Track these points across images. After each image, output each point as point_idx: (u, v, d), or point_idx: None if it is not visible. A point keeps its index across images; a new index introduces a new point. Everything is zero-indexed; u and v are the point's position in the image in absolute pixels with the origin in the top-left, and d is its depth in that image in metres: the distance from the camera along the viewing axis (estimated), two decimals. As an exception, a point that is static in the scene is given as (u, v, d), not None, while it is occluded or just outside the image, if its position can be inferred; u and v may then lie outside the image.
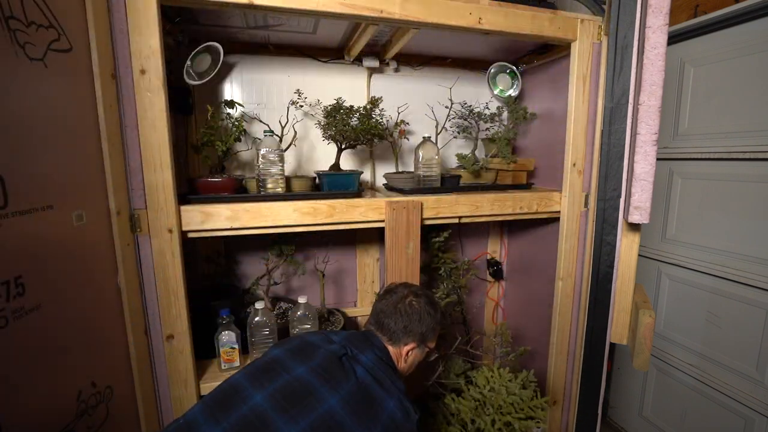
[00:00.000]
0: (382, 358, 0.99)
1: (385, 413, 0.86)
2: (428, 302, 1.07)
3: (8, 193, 0.73)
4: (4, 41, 0.73)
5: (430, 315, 1.06)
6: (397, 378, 0.96)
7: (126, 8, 1.00)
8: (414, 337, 1.04)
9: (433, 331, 1.07)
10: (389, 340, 1.04)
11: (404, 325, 1.03)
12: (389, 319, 1.04)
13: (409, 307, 1.05)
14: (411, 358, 1.07)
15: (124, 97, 1.04)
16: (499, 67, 1.77)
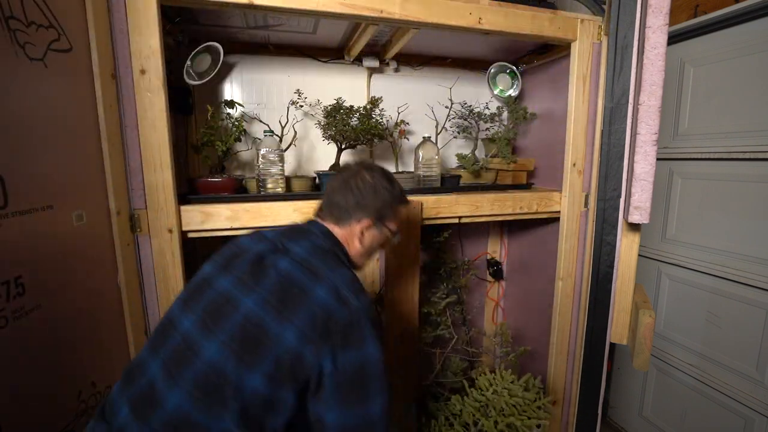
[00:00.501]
0: (322, 246, 0.88)
1: (312, 301, 0.76)
2: (384, 176, 0.96)
3: (8, 193, 0.73)
4: (4, 41, 0.73)
5: (386, 189, 0.94)
6: (340, 264, 0.85)
7: (126, 8, 1.00)
8: (368, 213, 0.92)
9: (390, 208, 0.96)
10: (338, 220, 0.93)
11: (356, 200, 0.91)
12: (339, 195, 0.92)
13: (361, 181, 0.92)
14: (368, 240, 0.95)
15: (124, 97, 1.04)
16: (499, 67, 1.77)
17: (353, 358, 0.73)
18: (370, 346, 0.75)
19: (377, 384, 0.75)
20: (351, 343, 0.74)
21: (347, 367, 0.73)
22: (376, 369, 0.75)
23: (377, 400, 0.74)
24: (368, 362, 0.74)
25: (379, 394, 0.75)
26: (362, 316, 0.76)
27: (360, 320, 0.76)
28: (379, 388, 0.75)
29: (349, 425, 0.72)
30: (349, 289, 0.79)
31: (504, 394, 1.18)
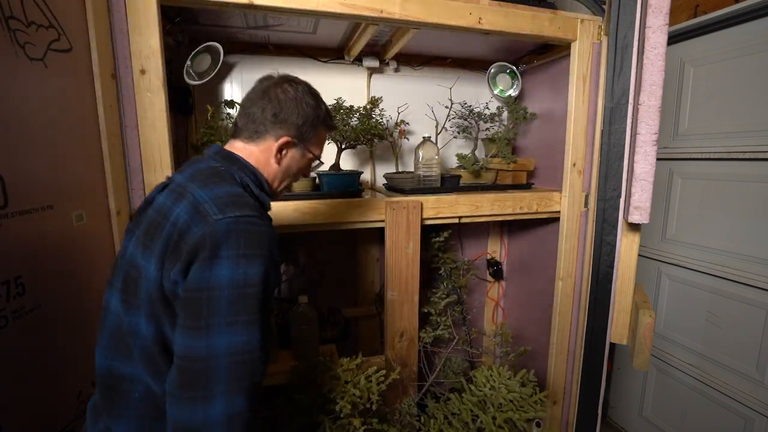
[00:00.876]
0: (208, 168, 0.77)
1: (170, 222, 0.68)
2: (309, 92, 0.85)
3: (8, 193, 0.73)
4: (4, 41, 0.73)
5: (309, 106, 0.83)
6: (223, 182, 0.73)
7: (126, 8, 1.00)
8: (288, 129, 0.81)
9: (313, 128, 0.85)
10: (253, 135, 0.82)
11: (274, 112, 0.80)
12: (255, 106, 0.81)
13: (282, 93, 0.81)
14: (287, 160, 0.85)
15: (124, 97, 1.04)
16: (499, 67, 1.77)
17: (198, 278, 0.63)
18: (224, 268, 0.63)
19: (225, 314, 0.62)
20: (200, 261, 0.63)
21: (190, 287, 0.63)
22: (225, 295, 0.62)
23: (221, 333, 0.62)
24: (215, 286, 0.62)
25: (226, 326, 0.62)
26: (221, 231, 0.64)
27: (217, 236, 0.64)
28: (228, 321, 0.62)
29: (189, 354, 0.62)
30: (215, 203, 0.67)
31: (501, 390, 1.18)
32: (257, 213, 0.70)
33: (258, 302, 0.65)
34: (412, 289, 1.43)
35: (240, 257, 0.64)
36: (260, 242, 0.67)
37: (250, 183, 0.78)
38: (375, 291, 1.91)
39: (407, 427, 1.27)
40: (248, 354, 0.63)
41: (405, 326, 1.45)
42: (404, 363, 1.44)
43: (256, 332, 0.64)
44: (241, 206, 0.68)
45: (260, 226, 0.69)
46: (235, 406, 0.62)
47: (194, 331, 0.62)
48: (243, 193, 0.73)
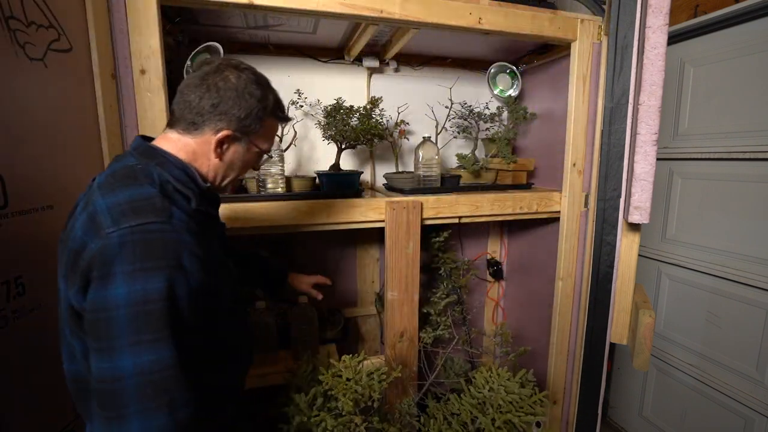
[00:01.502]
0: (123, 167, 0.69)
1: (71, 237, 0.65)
2: (254, 80, 0.76)
3: (8, 193, 0.73)
4: (4, 41, 0.73)
5: (254, 96, 0.75)
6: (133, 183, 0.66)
7: (126, 8, 1.00)
8: (228, 121, 0.74)
9: (259, 120, 0.77)
10: (189, 126, 0.74)
11: (213, 102, 0.72)
12: (193, 93, 0.73)
13: (222, 81, 0.73)
14: (229, 155, 0.77)
15: (124, 97, 1.04)
16: (499, 67, 1.77)
17: (94, 299, 0.59)
18: (119, 286, 0.58)
19: (125, 334, 0.58)
20: (95, 281, 0.59)
21: (89, 308, 0.60)
22: (122, 315, 0.58)
23: (125, 354, 0.58)
24: (112, 306, 0.58)
25: (129, 347, 0.58)
26: (113, 245, 0.59)
27: (108, 251, 0.59)
28: (131, 342, 0.58)
29: (98, 376, 0.59)
30: (110, 213, 0.62)
31: (500, 391, 1.18)
32: (161, 218, 0.63)
33: (164, 319, 0.60)
34: (412, 289, 1.43)
35: (136, 272, 0.59)
36: (161, 252, 0.61)
37: (172, 179, 0.70)
38: (375, 291, 1.91)
39: (407, 426, 1.27)
40: (158, 373, 0.59)
41: (405, 326, 1.45)
42: (404, 363, 1.44)
43: (165, 350, 0.60)
44: (140, 213, 0.62)
45: (162, 233, 0.62)
46: (153, 425, 0.59)
47: (98, 353, 0.59)
48: (151, 195, 0.65)
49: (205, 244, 0.70)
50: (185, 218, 0.67)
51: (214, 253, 0.75)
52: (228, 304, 0.81)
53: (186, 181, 0.72)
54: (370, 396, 1.12)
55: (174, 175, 0.71)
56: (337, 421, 1.08)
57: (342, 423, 1.08)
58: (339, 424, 1.08)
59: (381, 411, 1.24)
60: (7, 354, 0.74)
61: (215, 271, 0.73)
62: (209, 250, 0.71)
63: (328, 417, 1.08)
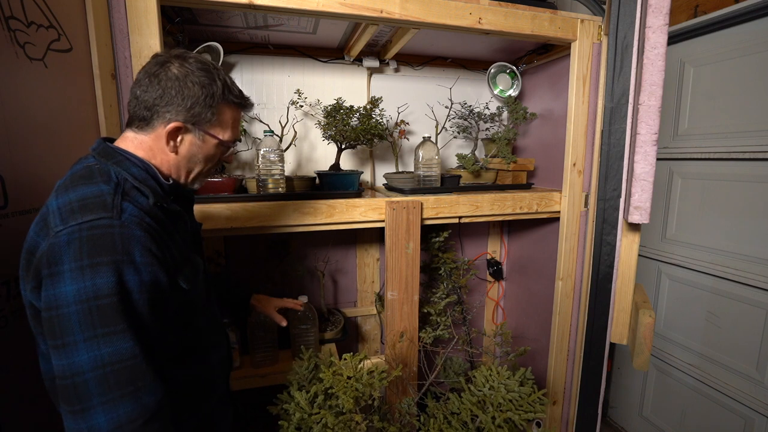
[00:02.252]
0: (82, 168, 0.70)
1: (26, 239, 0.67)
2: (201, 68, 0.74)
3: (8, 193, 0.73)
4: (5, 41, 0.73)
5: (198, 84, 0.72)
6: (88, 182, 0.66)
7: (126, 8, 1.00)
8: (177, 112, 0.72)
9: (209, 107, 0.74)
10: (140, 123, 0.73)
11: (158, 94, 0.71)
12: (140, 88, 0.72)
13: (165, 72, 0.71)
14: (186, 147, 0.76)
15: (124, 97, 1.04)
16: (499, 67, 1.77)
17: (45, 297, 0.60)
18: (67, 284, 0.59)
19: (78, 330, 0.58)
20: (45, 279, 0.60)
21: (43, 307, 0.60)
22: (73, 311, 0.58)
23: (80, 350, 0.58)
24: (62, 303, 0.59)
25: (84, 342, 0.58)
26: (61, 243, 0.60)
27: (56, 249, 0.60)
28: (86, 337, 0.58)
29: (58, 373, 0.60)
30: (60, 212, 0.63)
31: (501, 390, 1.18)
32: (110, 213, 0.63)
33: (118, 312, 0.60)
34: (412, 289, 1.43)
35: (84, 268, 0.59)
36: (109, 246, 0.61)
37: (130, 177, 0.70)
38: (375, 291, 1.91)
39: (407, 426, 1.27)
40: (119, 363, 0.60)
41: (405, 326, 1.45)
42: (404, 363, 1.44)
43: (123, 341, 0.60)
44: (89, 210, 0.62)
45: (110, 227, 0.62)
46: (121, 415, 0.59)
47: (56, 351, 0.60)
48: (102, 193, 0.65)
49: (165, 239, 0.71)
50: (139, 214, 0.67)
51: (178, 248, 0.75)
52: (199, 300, 0.83)
53: (145, 178, 0.72)
54: (371, 394, 1.12)
55: (132, 173, 0.71)
56: (337, 419, 1.08)
57: (342, 421, 1.08)
58: (339, 422, 1.08)
59: (381, 410, 1.24)
60: (7, 354, 0.74)
61: (178, 267, 0.73)
62: (170, 246, 0.72)
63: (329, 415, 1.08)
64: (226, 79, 0.78)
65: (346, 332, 1.63)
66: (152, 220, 0.69)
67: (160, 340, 0.68)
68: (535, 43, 1.63)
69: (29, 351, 0.78)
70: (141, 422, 0.61)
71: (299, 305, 1.32)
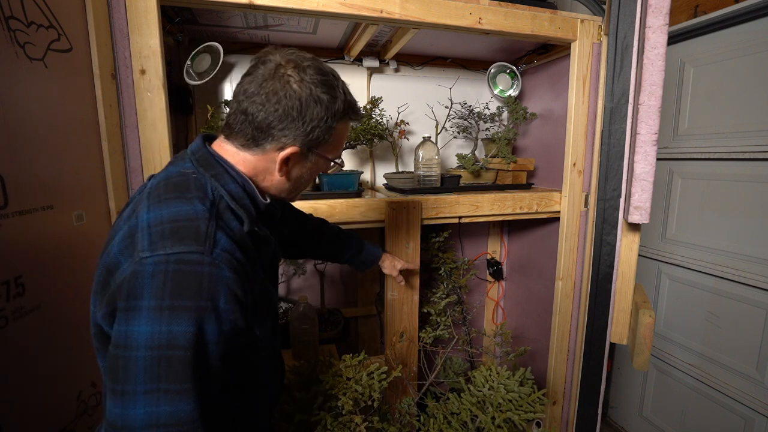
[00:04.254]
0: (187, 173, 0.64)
1: (107, 251, 0.60)
2: (320, 81, 0.65)
3: (8, 193, 0.73)
4: (4, 41, 0.73)
5: (321, 103, 0.65)
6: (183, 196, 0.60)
7: (126, 8, 1.00)
8: (296, 137, 0.65)
9: (328, 129, 0.67)
10: (248, 142, 0.66)
11: (275, 116, 0.63)
12: (251, 104, 0.64)
13: (284, 88, 0.63)
14: (297, 170, 0.70)
15: (124, 97, 1.04)
16: (499, 67, 1.77)
17: (116, 332, 0.54)
18: (142, 324, 0.52)
19: (142, 380, 0.52)
20: (120, 311, 0.54)
21: (113, 342, 0.55)
22: (141, 357, 0.52)
23: (137, 403, 0.52)
24: (132, 345, 0.52)
25: (144, 395, 0.52)
26: (144, 274, 0.54)
27: (137, 280, 0.54)
28: (146, 390, 0.52)
29: (110, 419, 0.54)
30: (149, 232, 0.56)
31: (500, 390, 1.18)
32: (202, 247, 0.56)
33: (189, 369, 0.53)
34: (412, 289, 1.43)
35: (164, 309, 0.53)
36: (195, 289, 0.54)
37: (227, 196, 0.63)
38: (375, 291, 1.91)
39: (407, 426, 1.27)
40: (174, 427, 0.52)
41: (405, 326, 1.45)
42: (404, 363, 1.44)
43: (184, 403, 0.53)
44: (180, 238, 0.56)
45: (200, 265, 0.55)
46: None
47: (112, 394, 0.54)
48: (197, 216, 0.58)
49: (251, 276, 0.64)
50: (231, 248, 0.60)
51: (259, 284, 0.69)
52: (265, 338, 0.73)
53: (242, 198, 0.65)
54: (370, 395, 1.12)
55: (230, 191, 0.64)
56: (337, 420, 1.08)
57: (342, 422, 1.08)
58: (339, 423, 1.08)
59: (381, 410, 1.24)
60: (7, 354, 0.74)
61: (256, 306, 0.66)
62: (253, 284, 0.65)
63: (329, 416, 1.08)
64: (347, 93, 0.70)
65: (346, 332, 1.63)
66: (242, 253, 0.62)
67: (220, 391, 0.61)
68: (535, 43, 1.63)
69: (29, 351, 0.78)
70: None
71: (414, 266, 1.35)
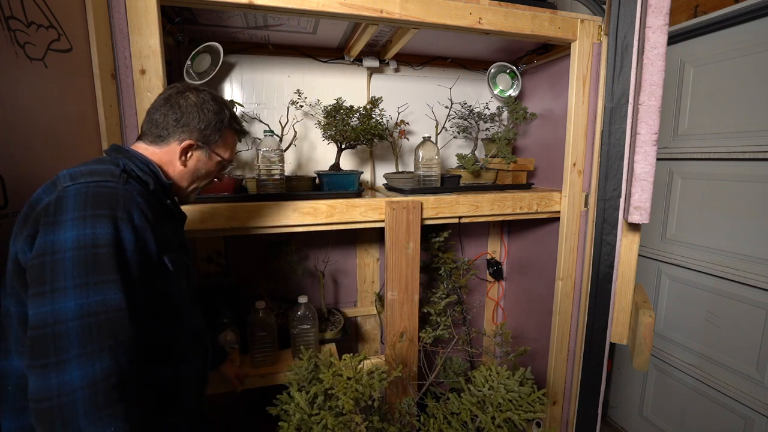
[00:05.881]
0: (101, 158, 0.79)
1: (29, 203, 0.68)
2: (213, 99, 0.87)
3: (8, 193, 0.73)
4: (5, 41, 0.73)
5: (212, 112, 0.85)
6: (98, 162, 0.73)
7: (126, 8, 1.00)
8: (190, 132, 0.83)
9: (218, 132, 0.87)
10: (156, 140, 0.83)
11: (176, 118, 0.82)
12: (158, 113, 0.83)
13: (184, 100, 0.83)
14: (193, 162, 0.86)
15: (124, 97, 1.04)
16: (499, 67, 1.77)
17: (42, 242, 0.61)
18: (68, 230, 0.61)
19: (71, 275, 0.60)
20: (44, 226, 0.62)
21: (35, 254, 0.61)
22: (69, 257, 0.60)
23: (68, 296, 0.59)
24: (59, 248, 0.60)
25: (74, 288, 0.60)
26: (68, 195, 0.64)
27: (62, 200, 0.63)
28: (76, 283, 0.60)
29: (37, 322, 0.59)
30: (71, 174, 0.67)
31: (500, 390, 1.18)
32: (117, 180, 0.69)
33: (113, 262, 0.63)
34: (412, 289, 1.43)
35: (87, 217, 0.62)
36: (111, 202, 0.65)
37: (135, 168, 0.77)
38: (375, 291, 1.91)
39: (407, 426, 1.27)
40: (104, 314, 0.61)
41: (405, 326, 1.45)
42: (404, 363, 1.44)
43: (113, 291, 0.62)
44: (97, 174, 0.68)
45: (115, 189, 0.67)
46: (96, 370, 0.59)
47: (40, 297, 0.60)
48: (111, 170, 0.71)
49: (159, 220, 0.75)
50: (140, 189, 0.73)
51: (167, 235, 0.79)
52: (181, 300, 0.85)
53: (148, 172, 0.79)
54: (371, 395, 1.12)
55: (138, 166, 0.78)
56: (337, 420, 1.08)
57: (342, 422, 1.08)
58: (339, 422, 1.08)
59: (381, 410, 1.24)
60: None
61: (166, 245, 0.77)
62: (161, 227, 0.76)
63: (329, 415, 1.08)
64: (232, 110, 0.92)
65: (346, 332, 1.63)
66: (150, 200, 0.75)
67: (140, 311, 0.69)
68: (535, 43, 1.63)
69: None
70: (114, 381, 0.60)
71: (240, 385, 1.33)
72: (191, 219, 1.17)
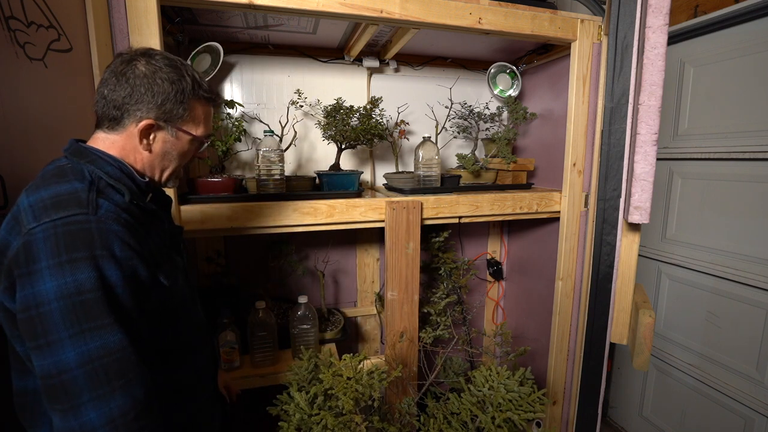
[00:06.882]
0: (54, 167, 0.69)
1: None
2: (169, 64, 0.72)
3: (8, 193, 0.73)
4: (5, 41, 0.73)
5: (167, 80, 0.71)
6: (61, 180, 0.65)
7: (126, 8, 1.00)
8: (149, 109, 0.71)
9: (181, 104, 0.73)
10: (111, 123, 0.72)
11: (126, 92, 0.70)
12: (107, 88, 0.71)
13: (131, 70, 0.70)
14: (159, 145, 0.75)
15: (124, 97, 1.03)
16: (499, 67, 1.77)
17: (24, 297, 0.58)
18: (46, 281, 0.57)
19: (62, 327, 0.57)
20: (20, 279, 0.58)
21: (19, 308, 0.58)
22: (56, 308, 0.57)
23: (66, 347, 0.57)
24: (42, 301, 0.57)
25: (70, 339, 0.57)
26: (36, 240, 0.58)
27: (31, 247, 0.58)
28: (70, 334, 0.57)
29: (43, 373, 0.58)
30: (33, 209, 0.61)
31: (500, 390, 1.18)
32: (86, 210, 0.61)
33: (104, 306, 0.59)
34: (412, 289, 1.43)
35: (63, 264, 0.58)
36: (86, 241, 0.59)
37: (104, 175, 0.69)
38: (375, 291, 1.91)
39: (407, 426, 1.27)
40: (108, 357, 0.59)
41: (405, 326, 1.45)
42: (404, 363, 1.44)
43: (111, 334, 0.59)
44: (63, 207, 0.61)
45: (86, 224, 0.60)
46: (112, 409, 0.58)
47: (38, 351, 0.58)
48: (76, 190, 0.63)
49: (143, 236, 0.70)
50: (115, 210, 0.65)
51: (156, 245, 0.74)
52: (181, 300, 0.81)
53: (120, 177, 0.71)
54: (371, 395, 1.12)
55: (106, 171, 0.69)
56: (337, 420, 1.08)
57: (342, 422, 1.08)
58: (339, 422, 1.08)
59: (381, 410, 1.24)
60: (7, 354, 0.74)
61: (157, 262, 0.72)
62: (148, 242, 0.71)
63: (329, 415, 1.08)
64: (195, 74, 0.76)
65: (346, 332, 1.63)
66: (129, 216, 0.68)
67: (144, 338, 0.67)
68: (535, 43, 1.63)
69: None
70: (133, 415, 0.60)
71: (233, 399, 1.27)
72: (191, 219, 1.17)
